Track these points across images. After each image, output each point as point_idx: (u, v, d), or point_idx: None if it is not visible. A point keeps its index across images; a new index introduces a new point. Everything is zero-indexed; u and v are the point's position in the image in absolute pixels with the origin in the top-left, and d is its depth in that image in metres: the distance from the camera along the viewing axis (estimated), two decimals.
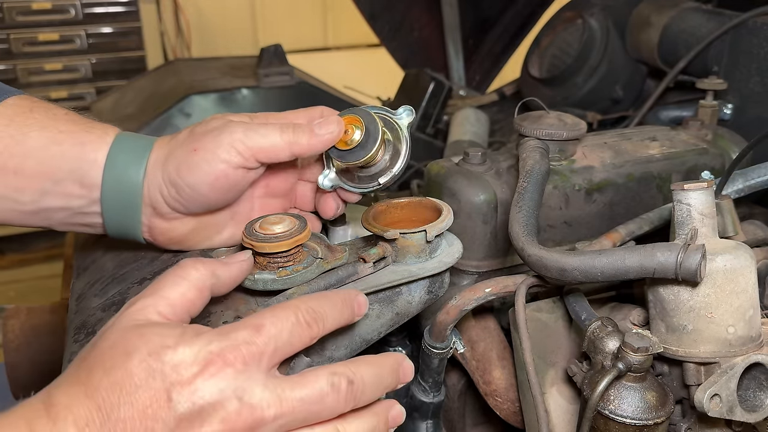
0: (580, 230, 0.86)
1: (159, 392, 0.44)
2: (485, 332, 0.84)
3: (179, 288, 0.51)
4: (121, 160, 0.65)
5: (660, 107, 1.21)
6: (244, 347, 0.47)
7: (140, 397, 0.44)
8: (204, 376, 0.45)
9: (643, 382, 0.62)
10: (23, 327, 1.18)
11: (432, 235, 0.65)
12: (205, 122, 0.67)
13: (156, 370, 0.45)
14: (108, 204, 0.66)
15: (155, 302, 0.50)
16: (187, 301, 0.51)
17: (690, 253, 0.59)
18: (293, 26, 4.09)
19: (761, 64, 1.06)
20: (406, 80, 1.64)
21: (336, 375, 0.49)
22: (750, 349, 0.63)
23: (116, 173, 0.65)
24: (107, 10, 3.17)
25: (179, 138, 0.66)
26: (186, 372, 0.45)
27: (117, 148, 0.65)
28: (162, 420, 0.44)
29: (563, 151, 0.86)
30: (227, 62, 1.58)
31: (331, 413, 0.49)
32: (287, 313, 0.50)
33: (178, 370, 0.45)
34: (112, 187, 0.65)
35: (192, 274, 0.52)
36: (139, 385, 0.44)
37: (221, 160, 0.63)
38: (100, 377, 0.45)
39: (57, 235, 2.89)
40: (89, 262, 0.80)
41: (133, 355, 0.45)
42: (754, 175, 0.87)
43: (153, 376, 0.44)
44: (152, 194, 0.66)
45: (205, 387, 0.45)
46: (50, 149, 0.64)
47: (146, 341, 0.46)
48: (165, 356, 0.45)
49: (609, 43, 1.31)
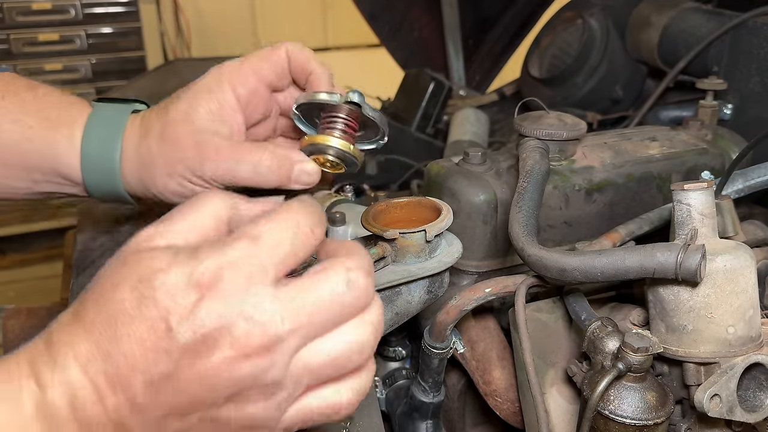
0: (580, 230, 0.86)
1: (156, 321, 0.40)
2: (485, 332, 0.84)
3: (193, 216, 0.46)
4: (95, 164, 0.66)
5: (660, 107, 1.21)
6: (243, 263, 0.41)
7: (137, 329, 0.40)
8: (202, 299, 0.40)
9: (643, 382, 0.62)
10: (23, 327, 1.18)
11: (432, 234, 0.65)
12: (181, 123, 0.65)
13: (148, 297, 0.40)
14: (96, 193, 0.68)
15: (164, 230, 0.45)
16: (200, 230, 0.45)
17: (690, 253, 0.59)
18: (293, 26, 4.08)
19: (761, 64, 1.06)
20: (406, 80, 1.64)
21: (351, 271, 0.44)
22: (750, 350, 0.62)
23: (96, 176, 0.66)
24: (107, 10, 3.17)
25: (151, 140, 0.65)
26: (182, 297, 0.40)
27: (88, 148, 0.65)
28: (164, 351, 0.40)
29: (563, 151, 0.86)
30: None
31: (355, 311, 0.44)
32: (286, 220, 0.44)
33: (173, 296, 0.40)
34: (96, 185, 0.67)
35: (210, 202, 0.47)
36: (134, 316, 0.40)
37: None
38: (96, 311, 0.41)
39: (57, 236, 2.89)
40: (89, 262, 0.80)
41: (124, 284, 0.41)
42: (754, 175, 0.87)
43: (146, 304, 0.40)
44: (131, 178, 0.67)
45: (205, 312, 0.40)
46: (24, 145, 0.64)
47: (137, 268, 0.41)
48: (156, 281, 0.40)
49: (609, 43, 1.31)
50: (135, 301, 0.40)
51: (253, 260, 0.42)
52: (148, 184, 0.66)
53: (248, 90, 0.65)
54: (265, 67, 0.66)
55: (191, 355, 0.40)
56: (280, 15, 4.04)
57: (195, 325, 0.40)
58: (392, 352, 0.93)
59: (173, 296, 0.40)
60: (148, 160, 0.65)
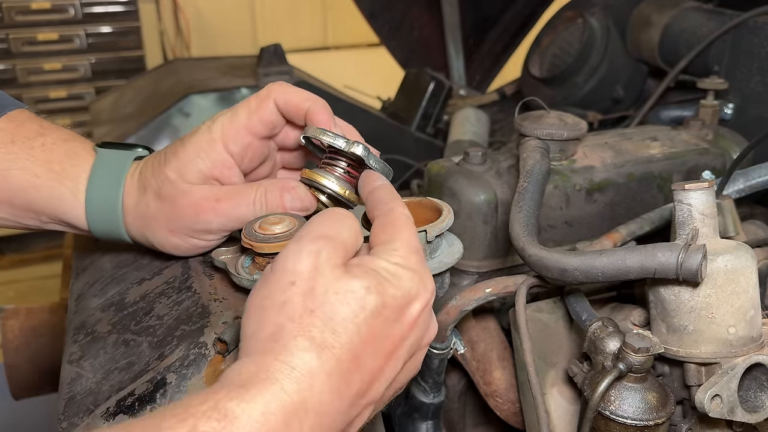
0: (580, 230, 0.86)
1: (356, 311, 0.46)
2: (485, 333, 0.84)
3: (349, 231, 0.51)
4: (99, 218, 0.67)
5: (661, 107, 1.20)
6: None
7: (343, 311, 0.46)
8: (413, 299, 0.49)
9: (643, 382, 0.62)
10: (23, 327, 1.18)
11: (432, 235, 0.64)
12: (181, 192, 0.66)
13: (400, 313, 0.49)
14: (104, 238, 0.70)
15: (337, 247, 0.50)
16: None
17: (691, 253, 0.59)
18: (293, 26, 4.08)
19: (762, 64, 1.06)
20: (406, 80, 1.64)
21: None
22: (751, 350, 0.62)
23: (100, 227, 0.68)
24: (106, 9, 3.17)
25: (149, 198, 0.66)
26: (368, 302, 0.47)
27: (91, 204, 0.67)
28: (380, 321, 0.47)
29: (564, 150, 0.86)
30: (227, 62, 1.58)
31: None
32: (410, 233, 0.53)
33: (363, 302, 0.47)
34: (103, 233, 0.69)
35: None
36: (343, 302, 0.46)
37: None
38: (312, 316, 0.46)
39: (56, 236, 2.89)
40: (88, 263, 0.80)
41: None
42: (755, 175, 0.87)
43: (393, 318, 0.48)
44: (134, 230, 0.68)
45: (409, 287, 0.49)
46: (31, 193, 0.66)
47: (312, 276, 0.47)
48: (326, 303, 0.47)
49: (610, 43, 1.31)
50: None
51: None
52: (149, 238, 0.67)
53: (241, 146, 0.66)
54: (256, 123, 0.66)
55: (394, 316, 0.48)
56: (280, 15, 4.04)
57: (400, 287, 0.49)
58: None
59: (363, 302, 0.47)
60: (148, 216, 0.66)
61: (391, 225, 0.53)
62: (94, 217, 0.67)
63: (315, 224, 0.50)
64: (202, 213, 0.64)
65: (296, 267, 0.47)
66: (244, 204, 0.65)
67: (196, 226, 0.65)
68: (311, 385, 0.43)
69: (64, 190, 0.67)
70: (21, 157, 0.66)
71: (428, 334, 0.53)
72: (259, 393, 0.42)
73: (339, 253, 0.48)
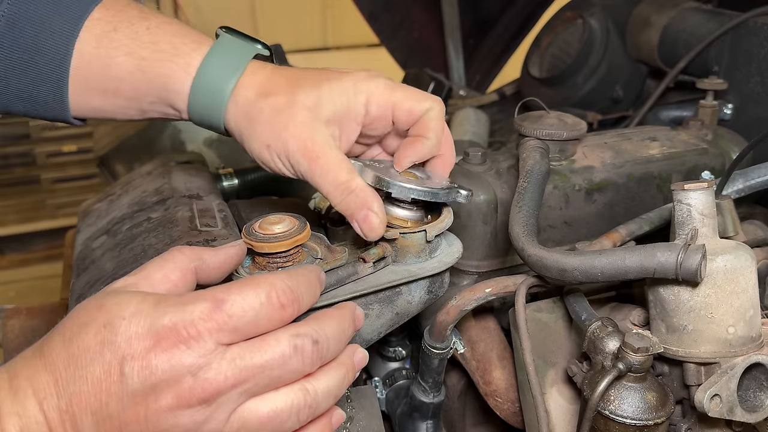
0: (580, 230, 0.86)
1: (112, 365, 0.44)
2: (485, 332, 0.84)
3: (162, 270, 0.51)
4: (203, 97, 0.66)
5: (660, 107, 1.21)
6: (200, 323, 0.45)
7: (94, 371, 0.44)
8: (156, 351, 0.44)
9: (643, 382, 0.62)
10: (23, 327, 1.18)
11: (432, 235, 0.65)
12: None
13: (109, 341, 0.44)
14: (196, 120, 0.69)
15: (136, 282, 0.50)
16: (170, 283, 0.50)
17: (690, 253, 0.59)
18: (293, 26, 4.08)
19: (761, 64, 1.06)
20: (406, 80, 1.64)
21: (299, 337, 0.47)
22: (750, 350, 0.62)
23: (200, 108, 0.66)
24: None
25: (266, 105, 0.64)
26: (138, 346, 0.44)
27: (199, 82, 0.65)
28: (115, 395, 0.43)
29: (563, 151, 0.86)
30: None
31: (297, 375, 0.48)
32: (257, 292, 0.47)
33: (131, 343, 0.44)
34: (199, 116, 0.67)
35: (176, 257, 0.52)
36: (93, 359, 0.44)
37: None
38: (59, 350, 0.45)
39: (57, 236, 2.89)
40: (89, 263, 0.80)
41: (91, 326, 0.45)
42: (755, 175, 0.87)
43: (107, 348, 0.44)
44: (232, 122, 0.67)
45: (158, 363, 0.44)
46: (137, 76, 0.66)
47: (104, 312, 0.45)
48: (119, 327, 0.44)
49: (609, 43, 1.31)
50: (98, 345, 0.44)
51: (209, 323, 0.45)
52: (243, 138, 0.66)
53: (379, 112, 0.65)
54: (403, 113, 0.65)
55: (139, 400, 0.44)
56: (280, 15, 4.04)
57: (146, 371, 0.44)
58: (392, 352, 0.93)
59: (131, 344, 0.44)
60: (256, 119, 0.64)
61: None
62: (197, 98, 0.66)
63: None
64: (308, 154, 0.62)
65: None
66: (330, 180, 0.63)
67: (293, 160, 0.63)
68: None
69: (173, 67, 0.65)
70: (125, 43, 0.65)
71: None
72: None
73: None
